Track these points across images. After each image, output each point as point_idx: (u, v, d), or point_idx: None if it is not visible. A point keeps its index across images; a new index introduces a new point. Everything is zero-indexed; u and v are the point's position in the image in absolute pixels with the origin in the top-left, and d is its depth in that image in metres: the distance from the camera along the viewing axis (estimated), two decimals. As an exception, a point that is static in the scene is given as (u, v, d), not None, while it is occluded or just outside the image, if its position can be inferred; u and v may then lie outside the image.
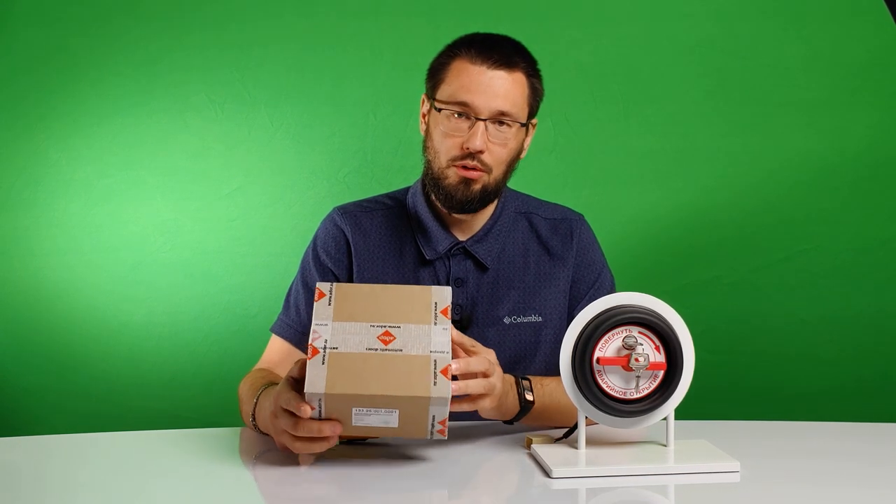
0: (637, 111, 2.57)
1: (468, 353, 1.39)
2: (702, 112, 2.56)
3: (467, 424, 1.57)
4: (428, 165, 1.67)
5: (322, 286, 1.38)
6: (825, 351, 2.55)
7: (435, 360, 1.29)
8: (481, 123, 1.58)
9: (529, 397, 1.49)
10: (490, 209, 1.71)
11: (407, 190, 1.77)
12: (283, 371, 1.63)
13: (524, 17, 2.56)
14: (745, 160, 2.56)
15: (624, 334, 1.33)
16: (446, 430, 1.31)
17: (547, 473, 1.31)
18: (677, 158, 2.56)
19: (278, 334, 1.71)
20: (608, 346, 1.34)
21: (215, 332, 2.56)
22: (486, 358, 1.39)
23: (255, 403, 1.49)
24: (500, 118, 1.59)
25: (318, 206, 2.52)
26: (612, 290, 1.73)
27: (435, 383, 1.27)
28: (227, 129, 2.58)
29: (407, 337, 1.32)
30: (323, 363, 1.28)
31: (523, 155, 1.69)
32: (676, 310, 1.37)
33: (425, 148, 1.67)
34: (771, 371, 2.57)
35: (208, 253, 2.58)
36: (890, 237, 2.55)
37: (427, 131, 1.67)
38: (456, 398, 1.33)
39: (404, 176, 2.35)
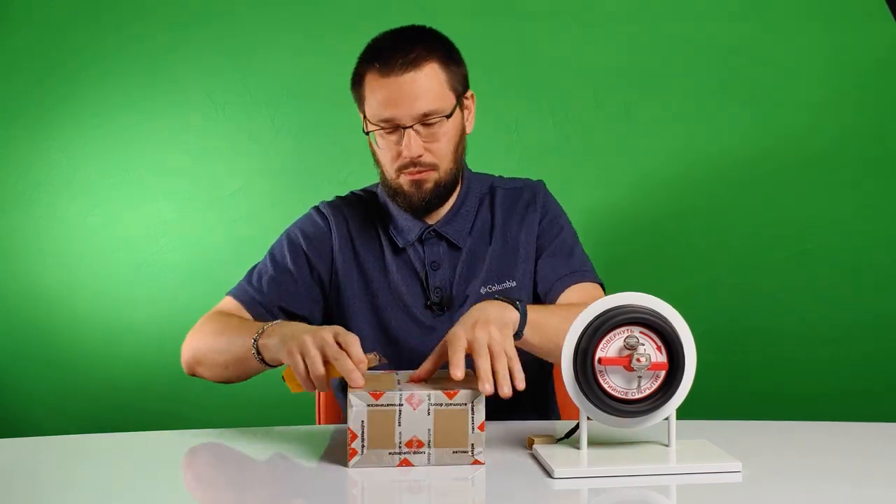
0: (638, 111, 2.56)
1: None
2: (704, 112, 2.56)
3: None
4: (381, 176, 1.70)
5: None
6: (826, 351, 2.55)
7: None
8: (409, 131, 1.60)
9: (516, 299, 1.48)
10: (455, 195, 1.73)
11: (378, 184, 1.80)
12: None
13: (525, 16, 2.55)
14: (747, 160, 2.56)
15: (625, 334, 1.33)
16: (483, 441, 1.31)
17: (549, 473, 1.31)
18: (679, 158, 2.56)
19: (234, 296, 1.72)
20: (610, 347, 1.33)
21: (216, 333, 2.55)
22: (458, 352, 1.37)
23: (265, 327, 1.47)
24: (425, 119, 1.61)
25: (319, 207, 2.52)
26: (575, 241, 1.76)
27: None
28: (229, 129, 2.58)
29: None
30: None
31: (469, 129, 1.71)
32: (678, 310, 1.36)
33: (374, 161, 1.70)
34: (772, 371, 2.56)
35: (210, 254, 2.58)
36: (891, 237, 2.55)
37: (370, 145, 1.69)
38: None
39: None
